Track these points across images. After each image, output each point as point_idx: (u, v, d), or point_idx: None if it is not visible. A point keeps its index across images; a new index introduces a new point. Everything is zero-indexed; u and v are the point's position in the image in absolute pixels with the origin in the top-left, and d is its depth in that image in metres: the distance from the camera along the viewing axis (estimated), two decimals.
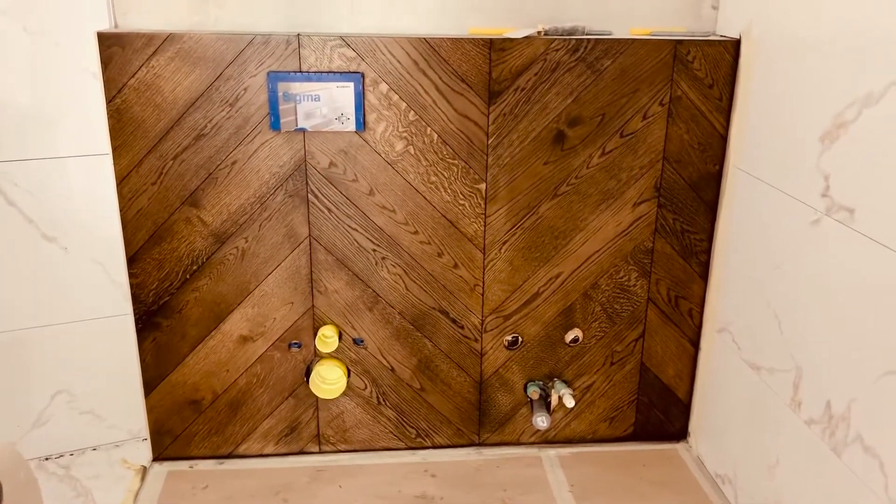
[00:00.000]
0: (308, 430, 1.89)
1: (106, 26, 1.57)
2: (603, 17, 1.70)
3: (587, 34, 1.67)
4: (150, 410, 1.82)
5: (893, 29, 1.16)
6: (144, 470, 1.84)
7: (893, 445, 1.19)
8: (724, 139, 1.73)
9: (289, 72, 1.58)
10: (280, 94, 1.58)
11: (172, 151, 1.62)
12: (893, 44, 1.16)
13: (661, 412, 1.96)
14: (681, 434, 1.99)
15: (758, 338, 1.62)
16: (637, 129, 1.70)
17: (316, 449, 1.91)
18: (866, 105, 1.22)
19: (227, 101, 1.60)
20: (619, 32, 1.71)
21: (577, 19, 1.69)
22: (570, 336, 1.87)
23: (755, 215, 1.62)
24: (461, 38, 1.61)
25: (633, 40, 1.64)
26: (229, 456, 1.89)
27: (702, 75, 1.67)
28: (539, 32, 1.64)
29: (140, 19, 1.60)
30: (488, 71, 1.63)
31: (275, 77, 1.58)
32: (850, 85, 1.26)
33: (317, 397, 1.84)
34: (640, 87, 1.67)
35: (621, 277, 1.82)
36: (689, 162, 1.74)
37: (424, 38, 1.60)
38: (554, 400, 1.88)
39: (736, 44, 1.65)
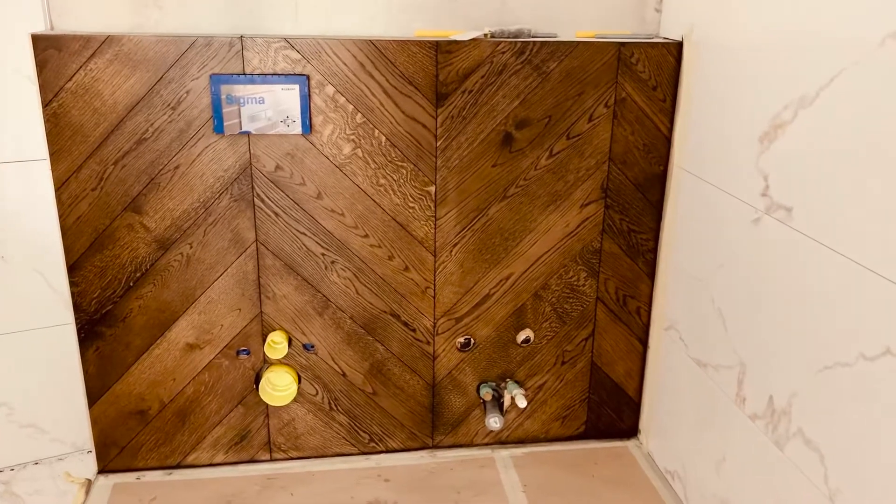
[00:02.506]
0: (259, 437, 1.86)
1: (41, 28, 1.52)
2: (548, 19, 1.72)
3: (533, 36, 1.68)
4: (95, 422, 1.77)
5: (825, 34, 1.19)
6: (89, 483, 1.79)
7: (832, 438, 1.22)
8: (668, 140, 1.75)
9: (232, 74, 1.56)
10: (223, 96, 1.56)
11: (113, 156, 1.58)
12: (825, 47, 1.19)
13: (612, 410, 1.98)
14: (632, 431, 2.01)
15: (703, 335, 1.64)
16: (583, 130, 1.72)
17: (267, 457, 1.88)
18: (801, 106, 1.25)
19: (168, 105, 1.56)
20: (565, 35, 1.72)
21: (523, 22, 1.70)
22: (521, 336, 1.87)
23: (699, 215, 1.65)
24: (407, 40, 1.60)
25: (578, 42, 1.66)
26: (178, 466, 1.85)
27: (646, 77, 1.69)
28: (485, 35, 1.64)
29: (77, 21, 1.56)
30: (435, 73, 1.63)
31: (217, 80, 1.55)
32: (787, 87, 1.29)
33: (267, 404, 1.81)
34: (586, 90, 1.68)
35: (570, 277, 1.84)
36: (635, 163, 1.76)
37: (370, 40, 1.59)
38: (507, 401, 1.89)
39: (678, 46, 1.68)
